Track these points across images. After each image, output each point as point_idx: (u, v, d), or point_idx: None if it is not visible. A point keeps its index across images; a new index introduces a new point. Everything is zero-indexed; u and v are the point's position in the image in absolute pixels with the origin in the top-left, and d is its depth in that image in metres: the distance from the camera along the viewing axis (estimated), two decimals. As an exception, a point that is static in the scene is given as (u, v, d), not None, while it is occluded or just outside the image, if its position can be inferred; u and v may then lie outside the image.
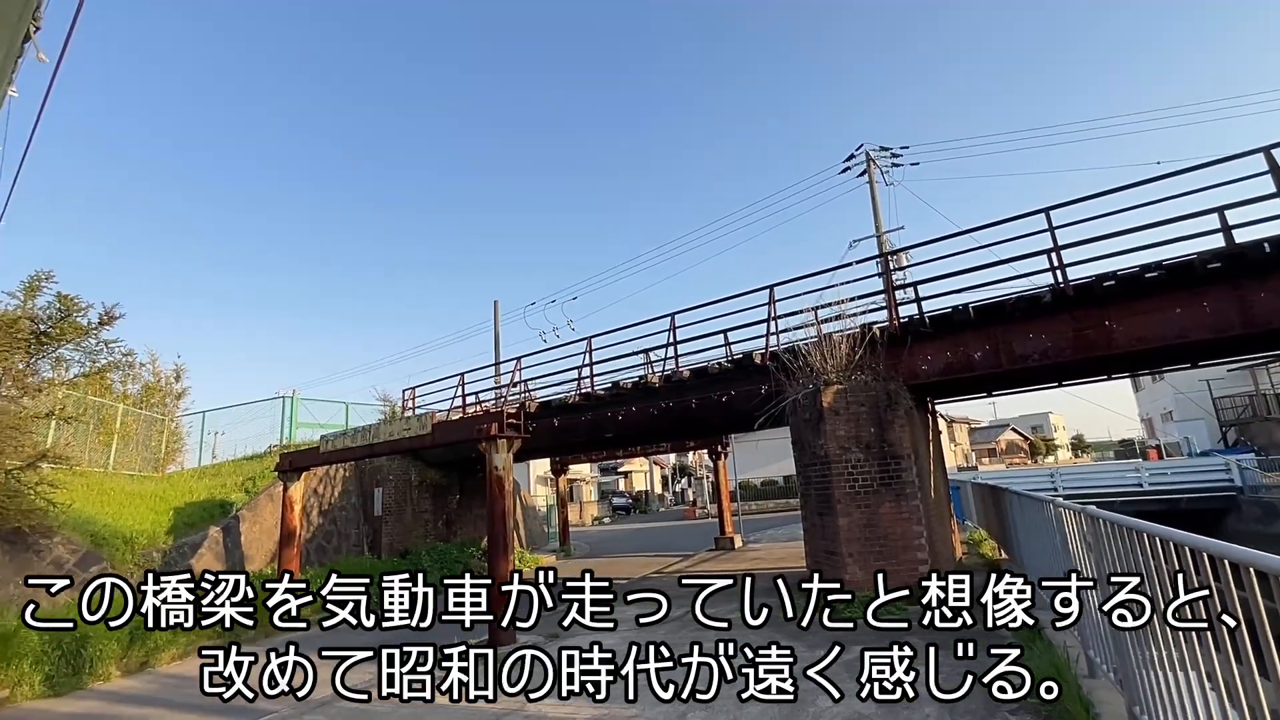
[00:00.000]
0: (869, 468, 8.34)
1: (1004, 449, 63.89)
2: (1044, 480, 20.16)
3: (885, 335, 8.85)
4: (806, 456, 8.98)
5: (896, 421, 8.57)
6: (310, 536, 13.96)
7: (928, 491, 8.87)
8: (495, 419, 8.33)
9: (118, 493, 13.01)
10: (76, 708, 7.06)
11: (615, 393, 11.94)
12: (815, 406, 8.69)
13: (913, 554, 8.12)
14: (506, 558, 8.06)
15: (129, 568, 10.77)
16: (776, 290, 10.28)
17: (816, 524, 8.75)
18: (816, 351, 9.01)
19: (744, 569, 12.90)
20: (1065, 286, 7.69)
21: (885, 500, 8.25)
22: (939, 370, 8.71)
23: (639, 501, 45.16)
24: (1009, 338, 8.34)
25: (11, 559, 9.29)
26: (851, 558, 8.05)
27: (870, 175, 22.01)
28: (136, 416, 15.73)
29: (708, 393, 10.53)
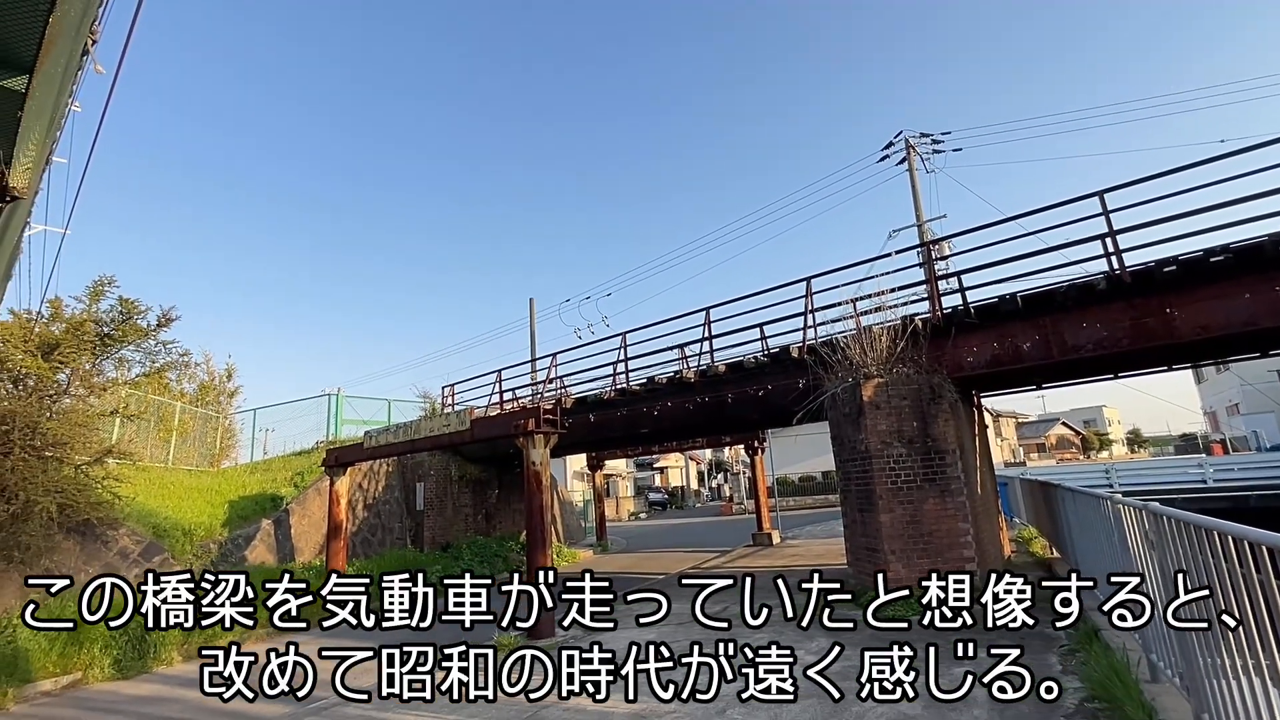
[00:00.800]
0: (912, 463, 8.12)
1: (1054, 444, 61.56)
2: (1099, 476, 19.33)
3: (928, 327, 8.59)
4: (846, 452, 8.80)
5: (940, 415, 8.32)
6: (355, 530, 14.38)
7: (974, 488, 8.60)
8: (532, 414, 8.41)
9: (177, 487, 13.65)
10: (141, 690, 7.43)
11: (651, 388, 11.92)
12: (855, 401, 8.50)
13: (959, 551, 7.88)
14: (545, 551, 8.14)
15: (188, 558, 11.30)
16: (814, 282, 10.10)
17: (857, 520, 8.57)
18: (856, 344, 8.81)
19: (783, 565, 12.75)
20: (1122, 273, 7.32)
21: (929, 497, 8.03)
22: (985, 362, 8.41)
23: (674, 497, 45.13)
24: (1060, 328, 8.00)
25: (83, 549, 9.84)
26: (894, 555, 7.86)
27: (910, 163, 21.40)
28: (193, 414, 16.47)
29: (744, 387, 10.42)
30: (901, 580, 7.77)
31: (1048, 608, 7.39)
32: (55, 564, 9.39)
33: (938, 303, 8.76)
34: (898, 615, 7.67)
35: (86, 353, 9.47)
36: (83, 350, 9.31)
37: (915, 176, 21.29)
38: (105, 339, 10.07)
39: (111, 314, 9.78)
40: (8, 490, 8.45)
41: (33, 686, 7.34)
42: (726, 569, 13.16)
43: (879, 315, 9.11)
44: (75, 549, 9.73)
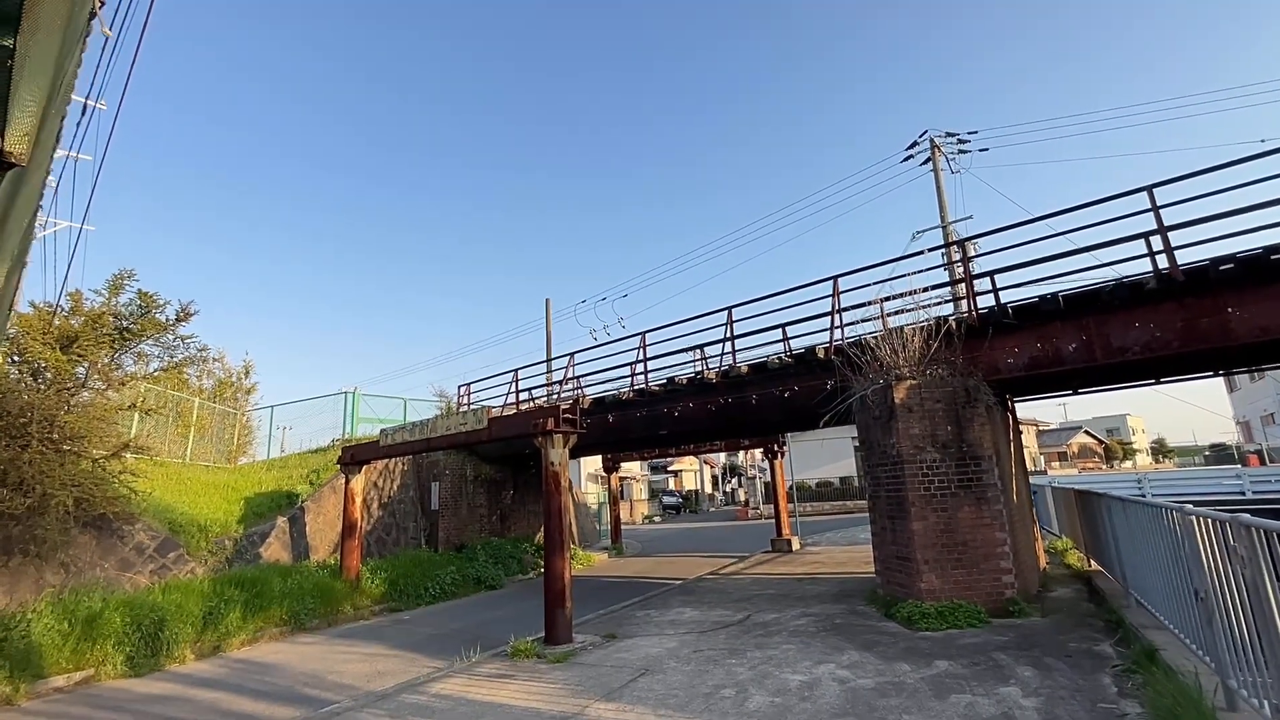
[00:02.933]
0: (946, 469, 7.78)
1: (1075, 453, 60.30)
2: (1129, 485, 18.71)
3: (962, 327, 8.25)
4: (876, 456, 8.47)
5: (976, 420, 7.97)
6: (370, 529, 14.26)
7: (1010, 496, 8.23)
8: (551, 414, 8.19)
9: (194, 483, 13.62)
10: (153, 689, 7.30)
11: (671, 389, 11.67)
12: (886, 403, 8.17)
13: (996, 562, 7.52)
14: (563, 554, 7.91)
15: (203, 554, 11.22)
16: (841, 281, 9.79)
17: (887, 528, 8.24)
18: (886, 345, 8.49)
19: (804, 573, 12.41)
20: (1174, 270, 6.94)
21: (964, 504, 7.68)
22: (1024, 365, 8.05)
23: (689, 501, 44.76)
24: (1105, 329, 7.62)
25: (99, 543, 9.78)
26: (927, 565, 7.52)
27: (935, 163, 20.96)
28: (210, 410, 16.48)
29: (768, 388, 10.13)
30: (935, 591, 7.44)
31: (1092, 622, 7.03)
32: (71, 558, 9.33)
33: (973, 302, 8.42)
34: (933, 627, 7.35)
35: (105, 346, 9.41)
36: (101, 343, 9.26)
37: (940, 177, 20.84)
38: (124, 333, 10.02)
39: (130, 307, 9.72)
40: (25, 483, 8.40)
41: (45, 682, 7.23)
42: (747, 576, 12.84)
43: (910, 315, 8.79)
44: (91, 543, 9.67)
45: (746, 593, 10.58)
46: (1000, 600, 7.39)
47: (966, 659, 5.89)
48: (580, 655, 7.13)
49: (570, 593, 7.90)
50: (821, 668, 5.95)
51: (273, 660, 8.39)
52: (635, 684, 5.89)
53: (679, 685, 5.74)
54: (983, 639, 6.53)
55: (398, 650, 8.51)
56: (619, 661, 6.74)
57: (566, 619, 7.73)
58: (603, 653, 7.19)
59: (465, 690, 6.18)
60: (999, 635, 6.62)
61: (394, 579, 12.00)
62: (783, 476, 17.42)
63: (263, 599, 9.96)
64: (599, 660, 6.86)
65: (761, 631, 7.62)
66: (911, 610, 7.36)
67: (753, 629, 7.80)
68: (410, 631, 9.80)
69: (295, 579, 10.85)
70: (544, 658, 7.12)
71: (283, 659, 8.44)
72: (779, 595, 10.06)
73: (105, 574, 9.61)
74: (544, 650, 7.36)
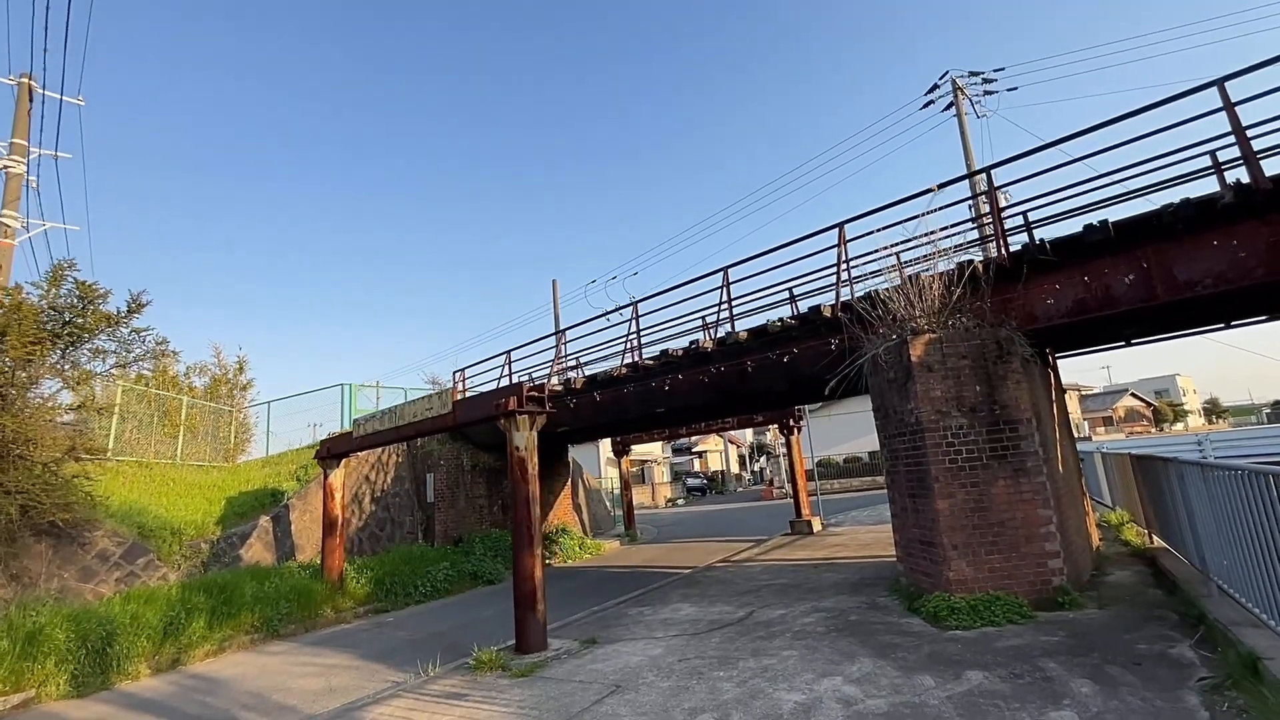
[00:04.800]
0: (975, 436, 6.57)
1: (1122, 417, 57.40)
2: (1189, 448, 17.03)
3: (991, 269, 6.96)
4: (892, 425, 7.28)
5: (1010, 377, 6.72)
6: (363, 524, 13.59)
7: (1054, 465, 6.98)
8: (513, 392, 7.20)
9: (180, 483, 13.08)
10: (87, 712, 6.62)
11: (665, 362, 10.58)
12: (901, 362, 6.96)
13: (1039, 544, 6.31)
14: (532, 551, 6.95)
15: (176, 559, 10.61)
16: (848, 228, 8.53)
17: (908, 508, 7.07)
18: (900, 296, 7.25)
19: (823, 558, 11.29)
20: (1259, 180, 5.56)
21: (999, 477, 6.47)
22: (1067, 309, 6.74)
23: (714, 482, 43.74)
24: (1167, 259, 6.26)
25: (56, 552, 9.18)
26: (955, 550, 6.35)
27: (958, 106, 19.22)
28: (202, 409, 15.96)
29: (768, 355, 8.96)
30: (967, 581, 6.28)
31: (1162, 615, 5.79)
32: (24, 569, 8.75)
33: (1003, 240, 7.10)
34: (964, 624, 6.20)
35: (45, 341, 8.72)
36: (39, 339, 8.56)
37: (964, 121, 19.10)
38: (69, 326, 9.32)
39: (69, 299, 9.01)
40: (-42, 493, 7.78)
41: (-29, 709, 6.60)
42: (760, 562, 11.77)
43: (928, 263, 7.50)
44: (47, 553, 9.07)
45: (754, 583, 9.52)
46: (1046, 590, 6.20)
47: (1005, 668, 4.75)
48: (550, 667, 6.18)
49: (543, 594, 6.95)
50: (825, 682, 4.88)
51: (228, 674, 7.66)
52: (600, 706, 4.92)
53: (650, 708, 4.74)
54: (1026, 640, 5.37)
55: (362, 660, 7.70)
56: (591, 675, 5.77)
57: (538, 624, 6.79)
58: (576, 663, 6.23)
59: (407, 715, 5.29)
60: (1046, 634, 5.45)
61: (380, 578, 11.27)
62: (800, 453, 16.21)
63: (231, 605, 9.28)
64: (569, 673, 5.90)
65: (762, 633, 6.56)
66: (938, 604, 6.22)
67: (753, 630, 6.75)
68: (387, 636, 9.02)
69: (273, 582, 10.16)
70: (508, 670, 6.19)
71: (239, 673, 7.71)
72: (790, 586, 8.98)
73: (63, 585, 9.01)
74: (511, 661, 6.44)
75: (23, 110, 16.55)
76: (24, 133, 16.33)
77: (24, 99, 16.58)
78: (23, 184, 16.33)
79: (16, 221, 16.12)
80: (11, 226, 15.93)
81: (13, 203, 15.99)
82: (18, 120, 16.40)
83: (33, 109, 16.69)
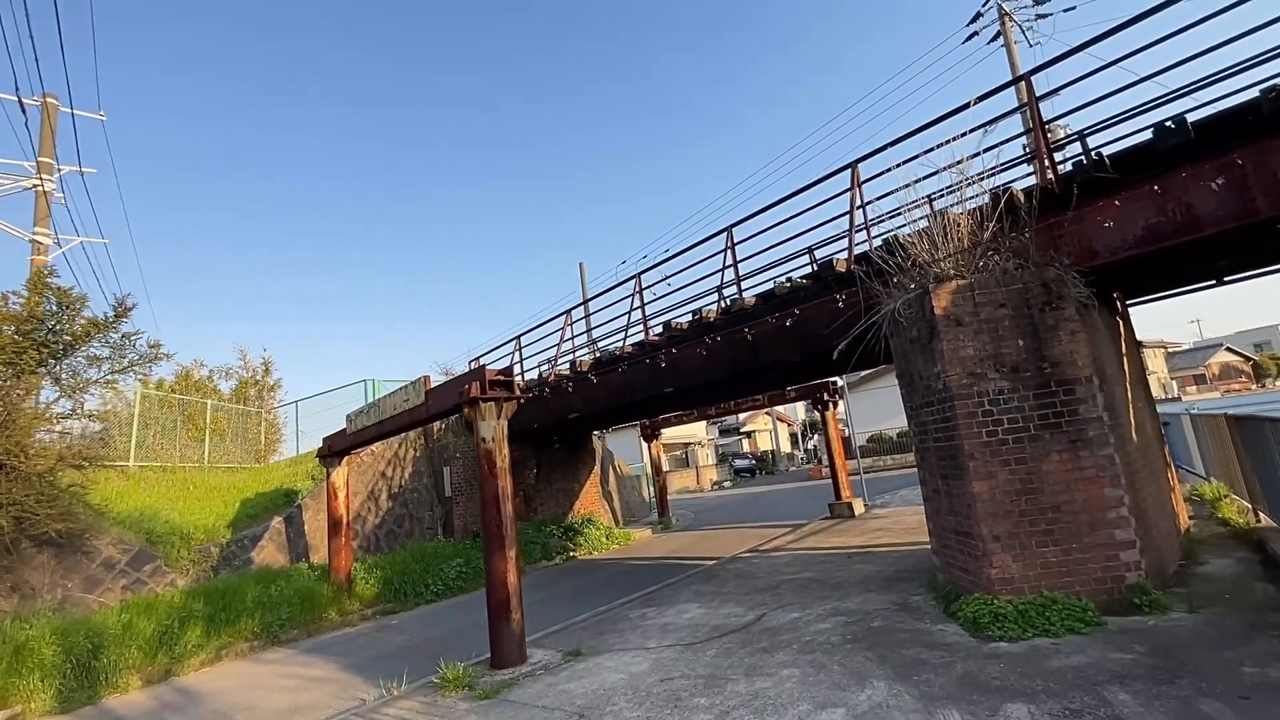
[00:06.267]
0: (1019, 401, 5.34)
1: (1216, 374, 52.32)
2: (1300, 405, 14.72)
3: (1036, 196, 5.65)
4: (918, 394, 6.11)
5: (1062, 327, 5.44)
6: (380, 522, 13.29)
7: (1125, 433, 5.66)
8: (475, 378, 6.42)
9: (202, 486, 13.10)
10: (58, 732, 6.34)
11: (670, 335, 9.61)
12: (923, 317, 5.78)
13: (1107, 531, 5.07)
14: (504, 553, 6.19)
15: (184, 564, 10.49)
16: (865, 168, 7.31)
17: (940, 491, 5.91)
18: (923, 238, 6.04)
19: (859, 545, 10.14)
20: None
21: (1052, 450, 5.24)
22: (1135, 238, 5.37)
23: (764, 462, 42.32)
24: (1269, 163, 4.83)
25: (59, 562, 9.12)
26: (998, 542, 5.18)
27: (1006, 36, 17.15)
28: (228, 411, 16.07)
29: (774, 320, 7.86)
30: (1014, 580, 5.12)
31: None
32: (26, 580, 8.69)
33: (1049, 158, 5.75)
34: (1010, 635, 5.06)
35: (31, 349, 8.56)
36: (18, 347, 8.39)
37: (1014, 51, 17.05)
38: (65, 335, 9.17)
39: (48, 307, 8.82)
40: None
41: (-51, 728, 6.43)
42: (789, 551, 10.72)
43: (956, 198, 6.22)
44: (50, 563, 9.01)
45: (776, 578, 8.50)
46: (1118, 588, 4.97)
47: (1060, 700, 3.65)
48: (518, 687, 5.43)
49: (518, 602, 6.19)
50: (824, 716, 3.90)
51: (211, 688, 7.30)
52: (551, 744, 4.11)
53: (604, 749, 3.90)
54: (1090, 657, 4.21)
55: (344, 671, 7.19)
56: (559, 699, 4.97)
57: (514, 636, 6.04)
58: (549, 681, 5.45)
59: (346, 748, 4.64)
60: (1118, 650, 4.27)
61: (389, 578, 10.87)
62: (837, 430, 14.90)
63: (231, 612, 9.01)
64: (535, 696, 5.13)
65: (766, 643, 5.60)
66: (978, 609, 5.09)
67: (757, 639, 5.79)
68: (383, 642, 8.53)
69: (279, 585, 9.87)
70: (474, 690, 5.48)
71: (223, 686, 7.34)
72: (814, 581, 7.93)
73: (66, 595, 8.94)
74: (481, 679, 5.72)
75: (47, 129, 16.87)
76: (49, 151, 16.67)
77: (47, 118, 16.90)
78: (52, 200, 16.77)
79: (48, 238, 16.53)
80: (44, 243, 16.34)
81: (43, 220, 16.38)
82: (43, 139, 16.71)
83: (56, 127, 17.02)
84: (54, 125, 16.86)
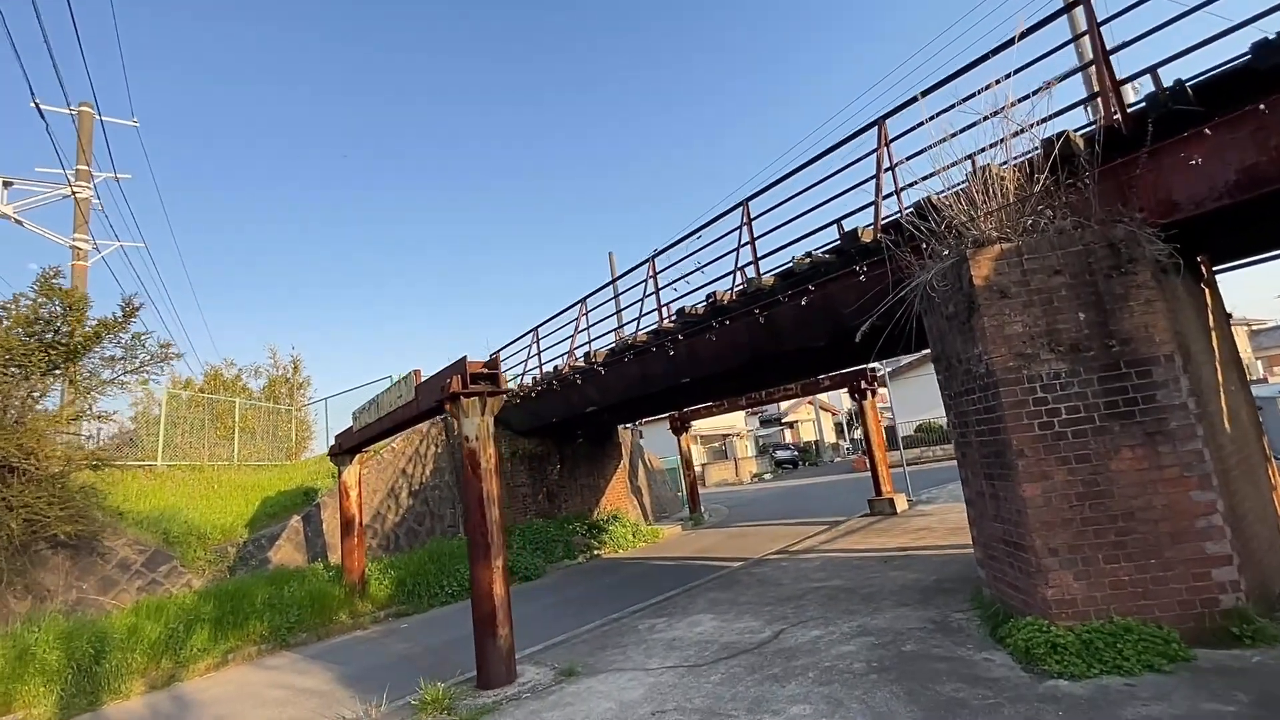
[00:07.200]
0: (1080, 387, 4.44)
1: (1308, 353, 47.78)
2: None
3: (1099, 139, 4.69)
4: (957, 380, 5.25)
5: (1134, 297, 4.50)
6: (400, 520, 13.07)
7: (1216, 423, 4.68)
8: (457, 371, 5.89)
9: (228, 485, 13.14)
10: (46, 743, 6.18)
11: (684, 322, 8.91)
12: (961, 289, 4.91)
13: (1195, 544, 4.15)
14: (490, 564, 5.65)
15: (201, 565, 10.44)
16: (891, 126, 6.42)
17: (984, 493, 5.05)
18: (960, 198, 5.15)
19: (898, 547, 9.24)
20: None
21: (1123, 445, 4.33)
22: (1227, 185, 4.37)
23: (806, 453, 40.99)
24: None
25: (74, 564, 9.12)
26: (1055, 556, 4.32)
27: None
28: (257, 409, 16.20)
29: (794, 301, 7.05)
30: (1075, 602, 4.26)
31: None
32: (39, 582, 8.71)
33: (1115, 94, 4.77)
34: (1072, 671, 4.20)
35: (35, 351, 8.53)
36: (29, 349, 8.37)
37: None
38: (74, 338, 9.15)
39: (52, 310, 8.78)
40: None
41: (-51, 736, 6.35)
42: (821, 553, 9.90)
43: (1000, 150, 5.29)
44: (65, 565, 9.01)
45: (802, 585, 7.73)
46: (1210, 614, 4.06)
47: (1137, 771, 2.83)
48: (500, 713, 4.88)
49: (507, 616, 5.64)
50: (832, 775, 3.18)
51: (208, 695, 7.07)
52: (513, 793, 3.52)
53: (569, 806, 3.28)
54: (1178, 707, 3.36)
55: (339, 682, 6.83)
56: (537, 730, 4.40)
57: (500, 653, 5.51)
58: (533, 707, 4.89)
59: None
60: (1213, 696, 3.40)
61: (403, 579, 10.57)
62: (876, 421, 13.88)
63: (239, 614, 8.84)
64: (513, 726, 4.57)
65: (779, 669, 4.89)
66: (1032, 636, 4.25)
67: (770, 662, 5.08)
68: (387, 648, 8.18)
69: (291, 587, 9.69)
70: (452, 714, 4.97)
71: (220, 693, 7.10)
72: (843, 591, 7.13)
73: (81, 597, 8.94)
74: (462, 700, 5.22)
75: (86, 137, 17.26)
76: (87, 159, 17.08)
77: (85, 127, 17.29)
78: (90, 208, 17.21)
79: (88, 244, 16.97)
80: (83, 249, 16.77)
81: (82, 226, 16.79)
82: (82, 147, 17.12)
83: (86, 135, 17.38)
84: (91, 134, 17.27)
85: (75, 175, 16.61)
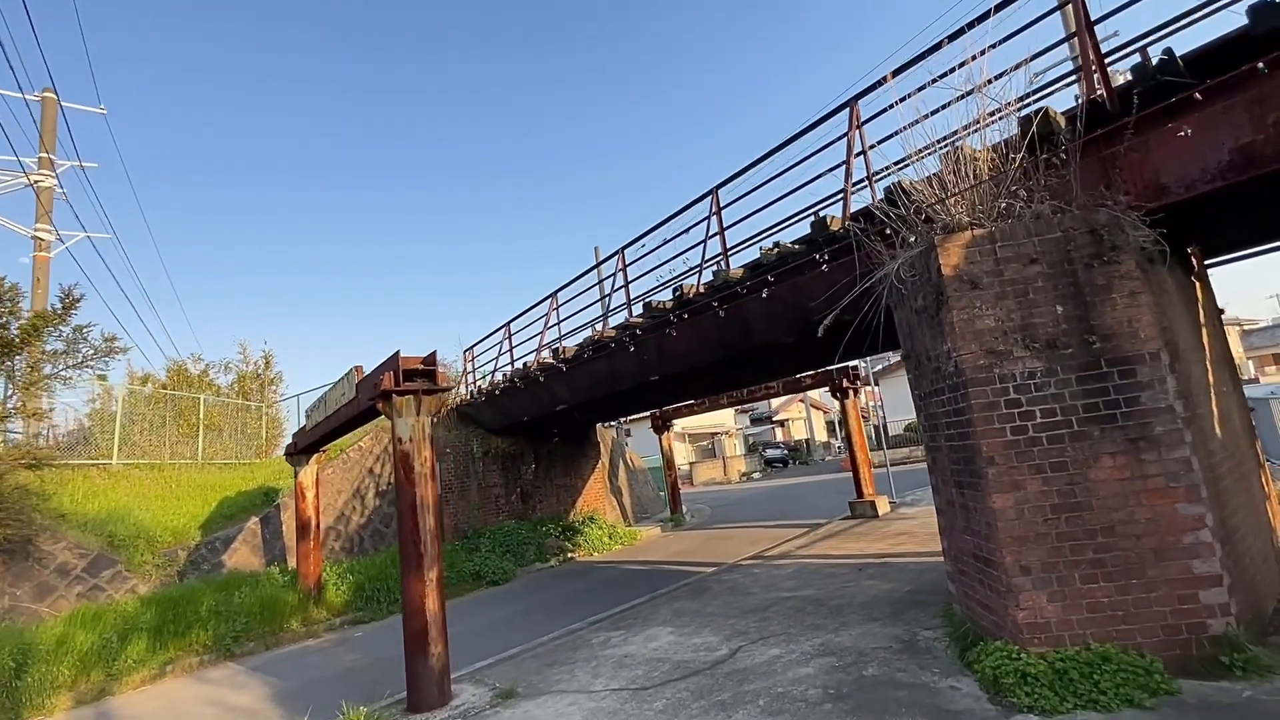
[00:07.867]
0: (1057, 387, 4.03)
1: (1299, 353, 47.73)
2: None
3: (1081, 116, 4.27)
4: (926, 379, 4.83)
5: (1118, 287, 4.08)
6: (366, 522, 12.61)
7: (1206, 428, 4.28)
8: (390, 367, 5.44)
9: (189, 485, 12.62)
10: (-52, 769, 5.72)
11: (651, 316, 8.47)
12: (928, 279, 4.49)
13: (1181, 563, 3.74)
14: (423, 576, 5.21)
15: (148, 569, 9.95)
16: (866, 107, 5.99)
17: (954, 503, 4.64)
18: (931, 182, 4.73)
19: (877, 554, 8.84)
20: None
21: (1103, 452, 3.92)
22: (1220, 166, 3.95)
23: (797, 452, 40.63)
24: None
25: (8, 569, 8.63)
26: (1027, 574, 3.90)
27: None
28: (225, 406, 15.69)
29: (760, 294, 6.62)
30: (1049, 626, 3.85)
31: None
32: (-32, 589, 8.22)
33: (1099, 67, 4.35)
34: (1043, 706, 3.78)
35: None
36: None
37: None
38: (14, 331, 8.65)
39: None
40: None
41: None
42: (796, 559, 9.50)
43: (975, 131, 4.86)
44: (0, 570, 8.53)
45: (771, 595, 7.32)
46: (1197, 641, 3.65)
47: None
48: (421, 743, 4.45)
49: (440, 632, 5.20)
50: (762, 833, 2.75)
51: (135, 712, 6.63)
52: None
53: None
54: (1156, 753, 2.94)
55: (271, 701, 6.38)
56: (456, 765, 3.96)
57: (431, 673, 5.07)
58: (461, 737, 4.46)
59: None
60: (1198, 742, 2.99)
61: (361, 584, 10.12)
62: (858, 420, 13.48)
63: (180, 623, 8.38)
64: (431, 759, 4.13)
65: (729, 694, 4.47)
66: (1001, 663, 3.84)
67: (721, 685, 4.66)
68: (334, 661, 7.73)
69: (241, 593, 9.23)
70: (372, 744, 4.54)
71: (148, 709, 6.65)
72: (811, 602, 6.71)
73: (14, 604, 8.45)
74: None
75: (48, 125, 16.67)
76: (51, 146, 16.50)
77: (48, 114, 16.71)
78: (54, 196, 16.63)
79: (50, 235, 16.39)
80: (46, 240, 16.20)
81: (45, 217, 16.23)
82: (44, 135, 16.53)
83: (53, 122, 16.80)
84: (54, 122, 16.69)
85: (37, 164, 16.05)
